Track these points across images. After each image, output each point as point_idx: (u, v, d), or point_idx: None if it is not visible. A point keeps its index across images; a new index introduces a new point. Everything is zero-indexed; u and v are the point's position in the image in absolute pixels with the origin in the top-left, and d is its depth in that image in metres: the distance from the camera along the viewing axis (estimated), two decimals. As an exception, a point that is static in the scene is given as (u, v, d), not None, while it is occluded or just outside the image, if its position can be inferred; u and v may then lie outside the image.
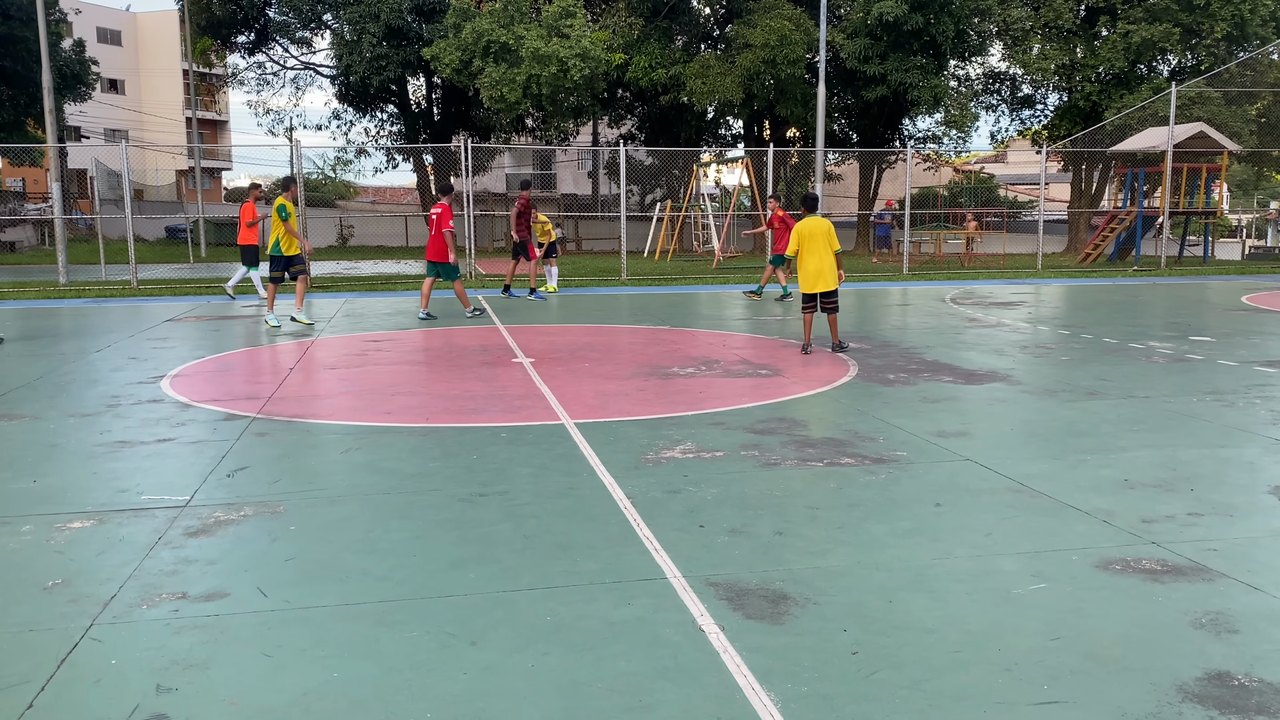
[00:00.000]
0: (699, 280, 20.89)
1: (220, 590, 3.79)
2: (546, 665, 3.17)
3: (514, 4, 27.49)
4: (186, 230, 34.99)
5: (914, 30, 26.97)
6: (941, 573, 3.98)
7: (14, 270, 24.79)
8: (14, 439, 6.30)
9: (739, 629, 3.42)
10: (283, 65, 39.46)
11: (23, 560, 4.11)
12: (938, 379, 8.45)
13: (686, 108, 30.80)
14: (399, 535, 4.44)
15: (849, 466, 5.56)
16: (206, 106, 62.12)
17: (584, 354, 10.01)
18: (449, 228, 13.26)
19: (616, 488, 5.12)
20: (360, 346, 10.70)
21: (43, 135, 39.80)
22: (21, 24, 36.40)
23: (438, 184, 37.86)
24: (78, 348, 10.60)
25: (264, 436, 6.34)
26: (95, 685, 3.04)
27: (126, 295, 17.55)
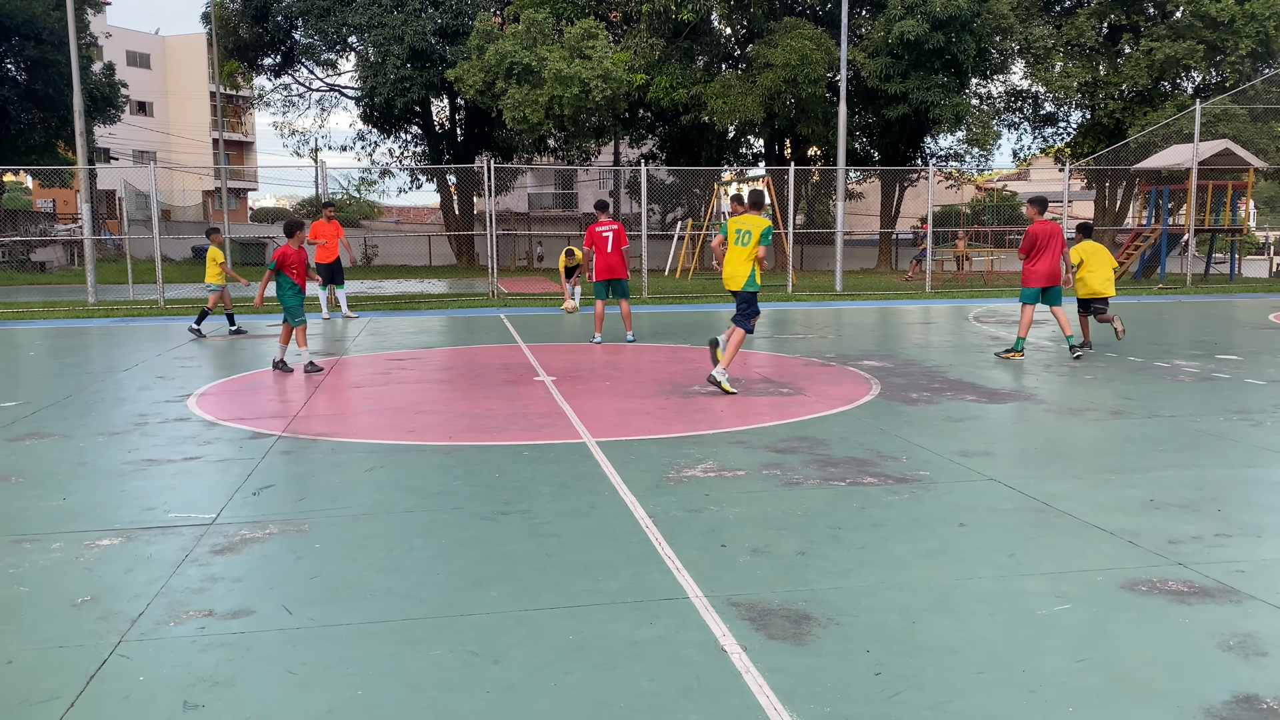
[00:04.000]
0: (720, 299, 20.89)
1: (246, 608, 3.83)
2: (569, 684, 3.18)
3: (536, 26, 27.73)
4: (212, 250, 35.30)
5: (935, 49, 27.01)
6: (965, 593, 3.96)
7: (44, 290, 25.14)
8: (44, 457, 6.39)
9: (761, 649, 3.42)
10: (308, 87, 39.97)
11: (53, 577, 4.17)
12: (961, 398, 8.41)
13: (707, 127, 30.94)
14: (422, 553, 4.46)
15: (872, 486, 5.55)
16: (233, 128, 62.92)
17: (605, 372, 10.03)
18: (626, 244, 12.38)
19: (638, 506, 5.13)
20: (384, 365, 10.78)
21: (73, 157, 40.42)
22: (53, 48, 37.05)
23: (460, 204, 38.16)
24: (106, 367, 10.73)
25: (289, 455, 6.39)
26: (124, 702, 3.07)
27: (154, 315, 17.76)
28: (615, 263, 12.30)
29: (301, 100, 40.73)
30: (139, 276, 23.44)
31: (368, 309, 18.48)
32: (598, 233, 12.32)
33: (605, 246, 12.26)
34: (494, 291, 21.31)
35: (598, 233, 12.32)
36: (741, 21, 31.81)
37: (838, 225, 23.68)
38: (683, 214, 41.28)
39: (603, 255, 12.30)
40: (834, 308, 18.90)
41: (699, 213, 37.75)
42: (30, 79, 38.41)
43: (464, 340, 13.25)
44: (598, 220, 12.47)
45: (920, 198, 40.33)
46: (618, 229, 12.34)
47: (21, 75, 38.59)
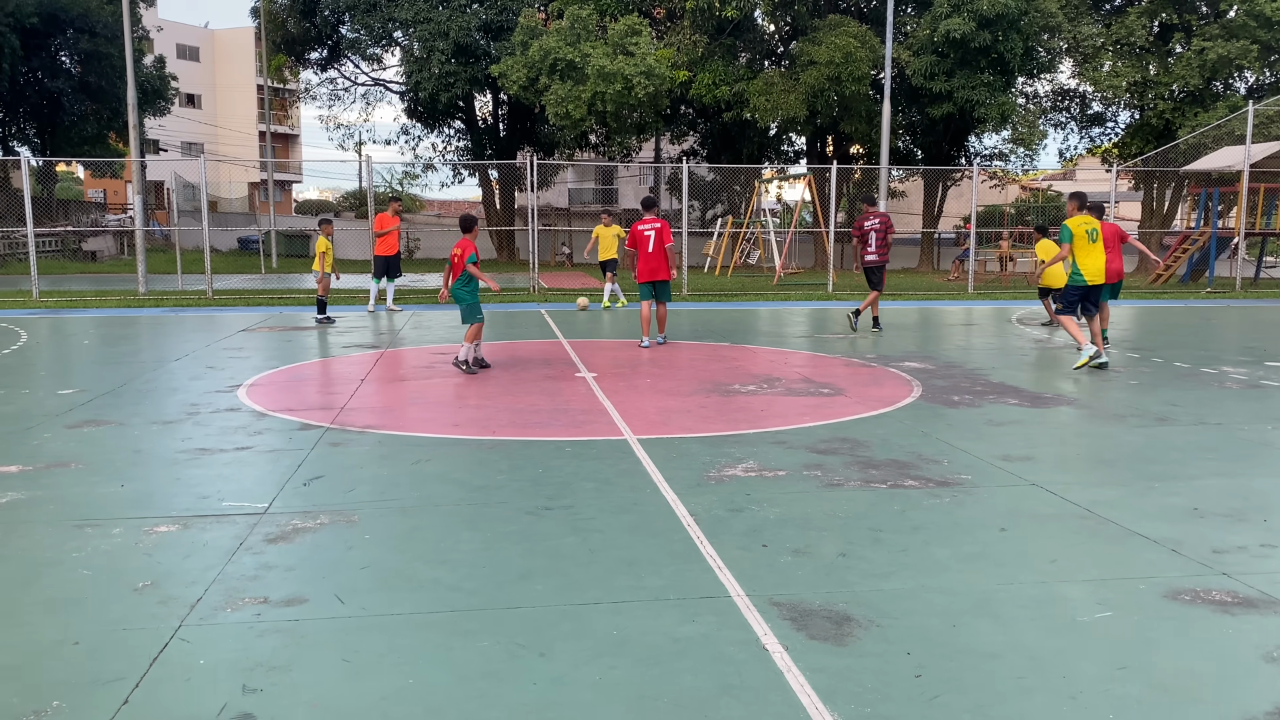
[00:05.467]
0: (760, 296, 20.90)
1: (299, 596, 3.94)
2: (614, 679, 3.25)
3: (580, 22, 27.83)
4: (258, 241, 35.87)
5: (981, 47, 26.74)
6: (1006, 598, 3.98)
7: (95, 279, 25.69)
8: (103, 444, 6.58)
9: (802, 649, 3.47)
10: (353, 81, 40.38)
11: (114, 562, 4.31)
12: (1003, 401, 8.38)
13: (749, 124, 30.87)
14: (469, 546, 4.56)
15: (912, 489, 5.57)
16: (279, 121, 63.74)
17: (646, 370, 10.10)
18: (670, 242, 11.96)
19: (679, 505, 5.19)
20: (428, 359, 10.92)
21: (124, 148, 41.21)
22: (106, 41, 37.74)
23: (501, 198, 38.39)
24: (157, 356, 10.98)
25: (338, 446, 6.53)
26: (186, 684, 3.19)
27: (202, 305, 18.10)
28: (657, 264, 11.85)
29: (347, 94, 41.15)
30: (187, 267, 23.89)
31: (410, 302, 18.69)
32: (639, 232, 11.93)
33: (646, 246, 11.83)
34: (534, 286, 21.45)
35: (639, 232, 11.93)
36: (785, 19, 31.67)
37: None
38: (723, 211, 41.23)
39: (644, 256, 11.85)
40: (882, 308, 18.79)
41: (739, 210, 37.69)
42: (84, 71, 39.18)
43: (505, 335, 13.38)
44: (641, 218, 12.12)
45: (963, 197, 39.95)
46: (660, 227, 11.89)
47: (75, 68, 39.39)
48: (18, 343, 12.24)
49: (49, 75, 38.40)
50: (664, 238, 11.87)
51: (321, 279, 14.83)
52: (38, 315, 16.10)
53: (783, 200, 40.69)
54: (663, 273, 11.92)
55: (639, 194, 50.15)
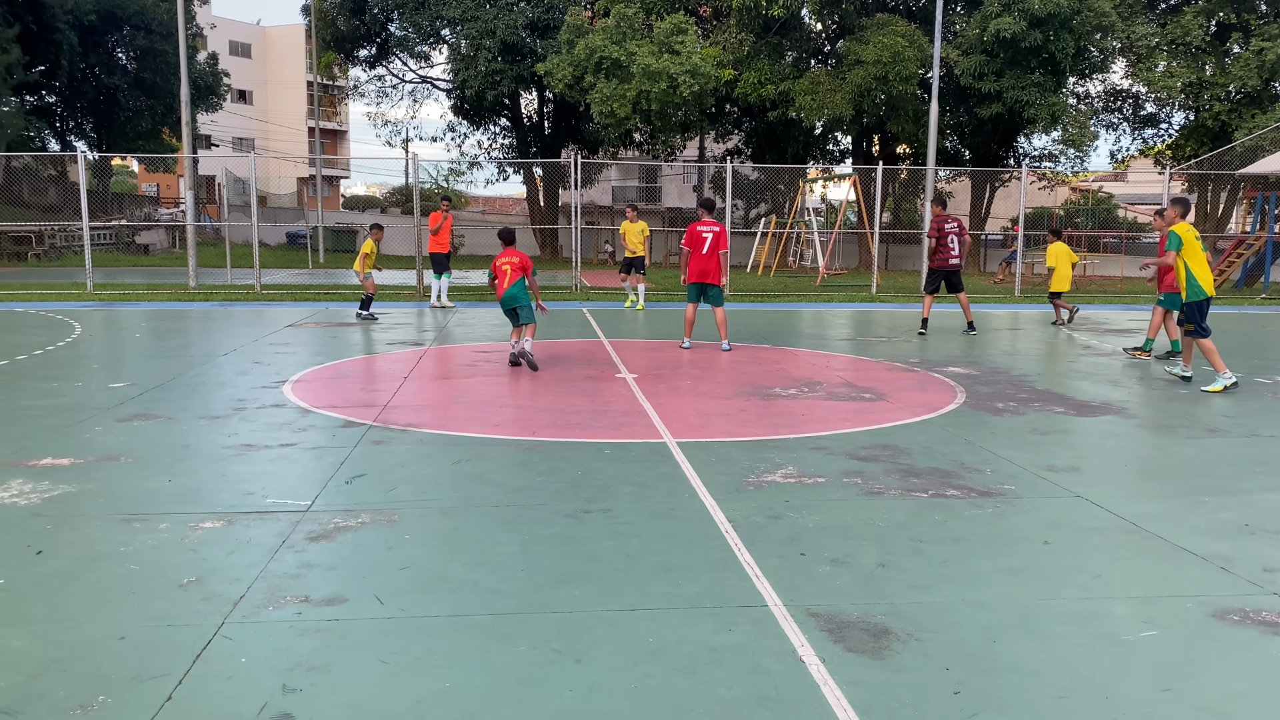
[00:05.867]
0: (802, 297, 20.78)
1: (340, 595, 3.99)
2: (649, 687, 3.25)
3: (626, 21, 27.86)
4: (306, 236, 36.34)
5: (1032, 47, 26.36)
6: (1048, 614, 3.92)
7: (147, 272, 26.19)
8: (151, 438, 6.70)
9: (839, 661, 3.45)
10: (401, 79, 40.76)
11: (161, 557, 4.39)
12: (1048, 409, 8.26)
13: (794, 123, 30.70)
14: (507, 549, 4.58)
15: (954, 499, 5.51)
16: (328, 117, 64.53)
17: (686, 371, 10.09)
18: (726, 248, 11.86)
19: (718, 510, 5.18)
20: (470, 357, 11.00)
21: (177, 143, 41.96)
22: (161, 38, 38.44)
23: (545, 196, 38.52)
24: (206, 351, 11.17)
25: (380, 445, 6.59)
26: (228, 682, 3.24)
27: (250, 300, 18.38)
28: (711, 266, 11.66)
29: (395, 91, 41.62)
30: (236, 261, 24.26)
31: (454, 299, 18.83)
32: (698, 232, 11.66)
33: (702, 248, 11.62)
34: (577, 285, 21.51)
35: (698, 232, 11.66)
36: (833, 17, 31.44)
37: (925, 225, 23.31)
38: (766, 210, 41.06)
39: (698, 257, 11.65)
40: (919, 310, 18.62)
41: (783, 210, 37.49)
42: (139, 68, 39.97)
43: (547, 334, 13.42)
44: (700, 219, 11.85)
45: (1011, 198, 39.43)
46: (719, 231, 11.67)
47: (131, 64, 40.19)
48: (72, 335, 12.51)
49: (106, 71, 39.21)
50: (721, 242, 11.73)
51: (367, 279, 15.03)
52: (92, 308, 16.44)
53: (827, 200, 40.40)
54: (714, 276, 11.76)
55: (683, 193, 50.14)
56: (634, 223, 17.17)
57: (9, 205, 34.07)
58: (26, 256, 29.84)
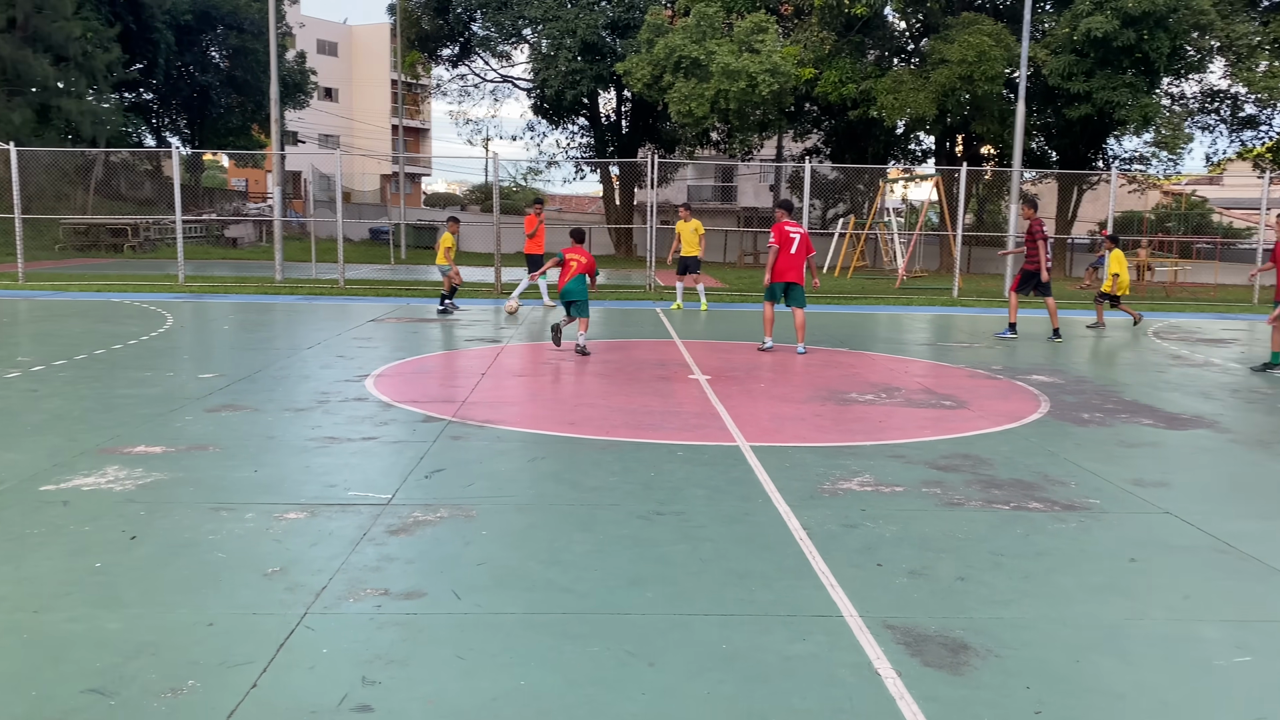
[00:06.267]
0: (881, 300, 20.51)
1: (418, 590, 4.05)
2: (722, 694, 3.24)
3: (707, 20, 27.79)
4: (388, 233, 37.03)
5: (1125, 46, 25.58)
6: (1135, 634, 3.81)
7: (235, 265, 26.97)
8: (239, 429, 6.90)
9: (916, 676, 3.39)
10: (482, 78, 41.30)
11: (246, 546, 4.52)
12: (1136, 421, 8.01)
13: (875, 123, 30.29)
14: (581, 548, 4.61)
15: (1037, 512, 5.38)
16: (411, 115, 65.68)
17: (760, 374, 10.03)
18: (813, 251, 11.89)
19: (792, 517, 5.14)
20: (545, 355, 11.09)
21: (265, 139, 43.15)
22: (253, 37, 39.56)
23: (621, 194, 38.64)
24: (291, 344, 11.46)
25: (458, 440, 6.69)
26: (309, 671, 3.32)
27: (334, 294, 18.80)
28: (796, 266, 11.65)
29: (476, 90, 42.15)
30: (320, 255, 24.84)
31: (532, 297, 19.01)
32: (785, 231, 11.57)
33: (789, 247, 11.56)
34: (650, 284, 21.53)
35: (785, 231, 11.57)
36: (917, 16, 30.93)
37: (1010, 228, 22.81)
38: (844, 211, 40.61)
39: (786, 255, 11.57)
40: (1002, 315, 18.21)
41: (862, 210, 37.05)
42: (231, 66, 41.21)
43: (620, 333, 13.48)
44: (783, 220, 11.77)
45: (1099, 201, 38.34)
46: (804, 234, 11.70)
47: (224, 62, 41.45)
48: (164, 326, 12.95)
49: (200, 69, 40.51)
50: (808, 245, 11.76)
51: (452, 272, 15.34)
52: (182, 299, 17.00)
53: (907, 200, 39.77)
54: (798, 275, 11.73)
55: (759, 192, 49.86)
56: (687, 222, 16.90)
57: (107, 199, 35.42)
58: (123, 248, 30.95)
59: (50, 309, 14.98)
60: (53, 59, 29.25)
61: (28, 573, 4.14)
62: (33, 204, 24.85)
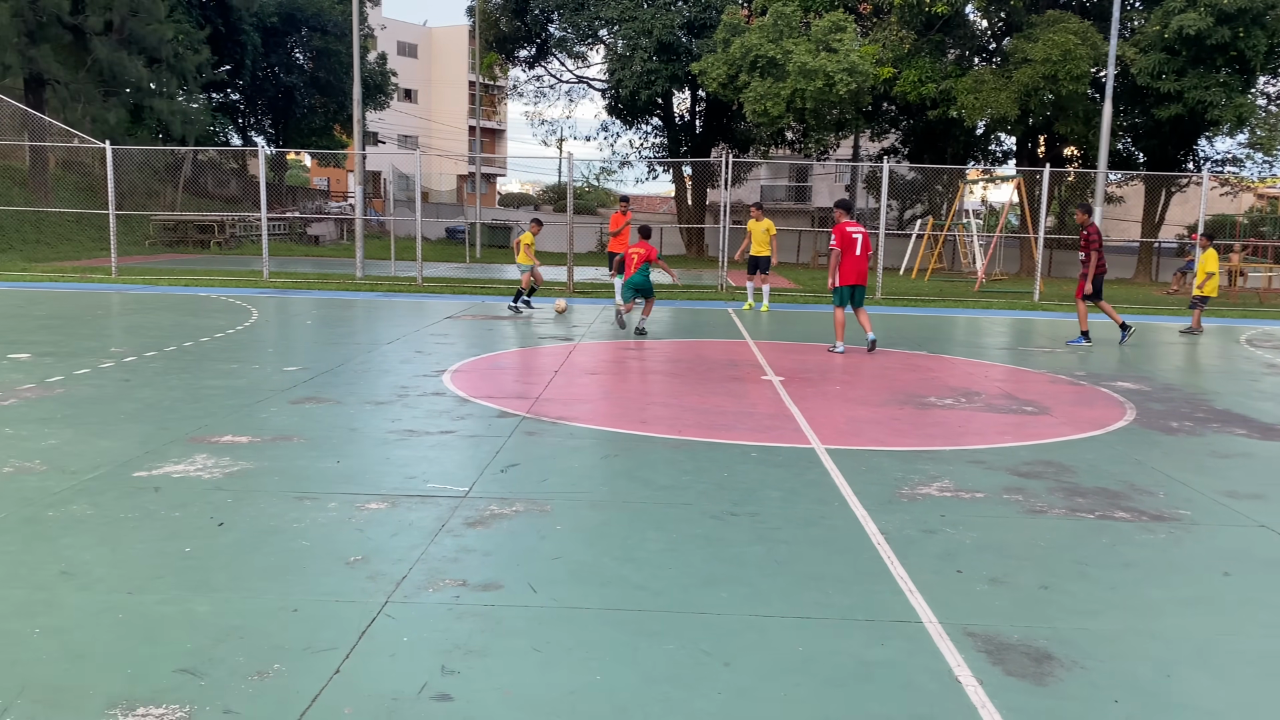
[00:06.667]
0: (959, 303, 20.15)
1: (495, 581, 4.10)
2: (799, 696, 3.21)
3: (784, 19, 27.60)
4: (464, 232, 37.54)
5: (1219, 44, 24.74)
6: (1228, 650, 3.68)
7: (317, 262, 27.60)
8: (322, 420, 7.06)
9: (998, 685, 3.32)
10: (558, 79, 41.63)
11: (329, 534, 4.62)
12: (1229, 431, 7.73)
13: (955, 122, 29.78)
14: (655, 546, 4.61)
15: (1123, 521, 5.22)
16: (488, 116, 66.52)
17: (835, 375, 9.93)
18: (871, 250, 12.02)
19: (869, 521, 5.07)
20: (617, 354, 11.13)
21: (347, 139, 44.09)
22: (336, 39, 40.43)
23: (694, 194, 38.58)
24: (371, 339, 11.69)
25: (533, 436, 6.75)
26: (390, 659, 3.38)
27: (412, 291, 19.12)
28: (864, 268, 11.75)
29: (551, 91, 42.50)
30: (399, 254, 25.30)
31: (603, 296, 19.10)
32: (848, 233, 11.56)
33: (854, 249, 11.57)
34: (722, 285, 21.46)
35: (848, 233, 11.56)
36: (999, 14, 30.30)
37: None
38: (922, 211, 39.98)
39: (851, 258, 11.59)
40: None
41: (940, 211, 36.44)
42: (315, 67, 42.19)
43: (692, 333, 13.46)
44: (844, 220, 11.75)
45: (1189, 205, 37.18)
46: (865, 234, 11.74)
47: (308, 64, 42.46)
48: (250, 320, 13.31)
49: (284, 70, 41.54)
50: (869, 244, 11.79)
51: (528, 272, 15.48)
52: (267, 294, 17.45)
53: (987, 202, 39.00)
54: (862, 278, 11.85)
55: (834, 192, 49.38)
56: (759, 221, 16.73)
57: (195, 196, 36.54)
58: (209, 244, 31.90)
59: (141, 302, 15.51)
60: (146, 60, 30.27)
61: (122, 555, 4.29)
62: (125, 201, 25.77)
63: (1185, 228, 36.86)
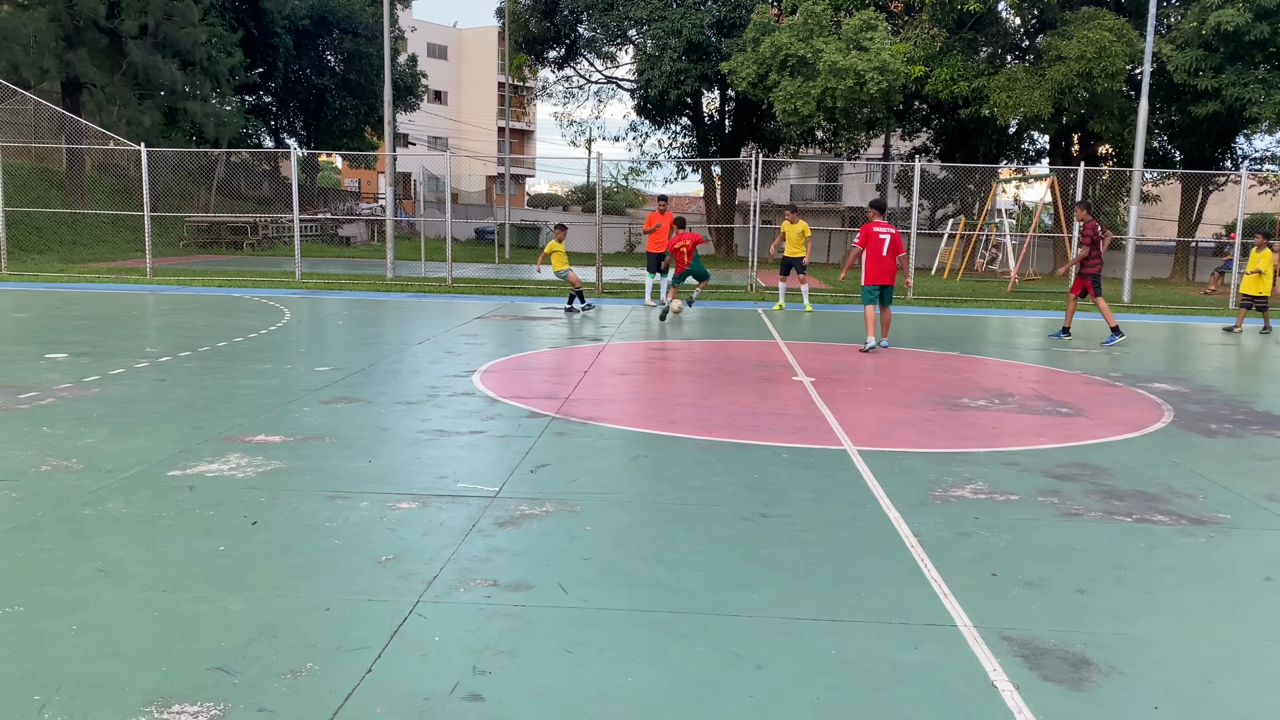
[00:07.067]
0: (992, 303, 19.96)
1: (526, 582, 4.10)
2: (832, 700, 3.18)
3: (814, 18, 27.47)
4: (494, 232, 37.69)
5: (1258, 40, 24.35)
6: (1271, 656, 3.60)
7: (348, 263, 27.81)
8: (353, 420, 7.10)
9: (1035, 690, 3.27)
10: (587, 79, 41.67)
11: (361, 533, 4.64)
12: (1270, 433, 7.60)
13: (987, 121, 29.51)
14: (685, 547, 4.59)
15: (1161, 525, 5.14)
16: (517, 117, 66.75)
17: (866, 376, 9.86)
18: (903, 252, 12.04)
19: (902, 523, 5.02)
20: (645, 354, 11.12)
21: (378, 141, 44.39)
22: (367, 41, 40.73)
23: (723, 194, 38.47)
24: (402, 339, 11.75)
25: (562, 436, 6.75)
26: (422, 659, 3.38)
27: (442, 292, 19.21)
28: (890, 268, 11.85)
29: (581, 91, 42.54)
30: (429, 255, 25.43)
31: (630, 296, 19.10)
32: (874, 233, 11.80)
33: (880, 250, 11.75)
34: (752, 284, 21.39)
35: (874, 233, 11.80)
36: (1033, 11, 29.99)
37: (1130, 230, 21.95)
38: (954, 211, 39.67)
39: (877, 258, 11.78)
40: (1121, 320, 17.53)
41: (972, 210, 36.14)
42: (346, 69, 42.52)
43: (722, 334, 13.42)
44: (873, 220, 12.02)
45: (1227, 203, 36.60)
46: (895, 235, 11.81)
47: (339, 66, 42.80)
48: (282, 320, 13.43)
49: (316, 73, 41.92)
50: (899, 246, 11.81)
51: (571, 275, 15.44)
52: (299, 295, 17.60)
53: (1020, 201, 38.64)
54: (889, 278, 11.91)
55: (865, 191, 49.10)
56: (794, 224, 16.74)
57: (228, 198, 36.94)
58: (243, 245, 32.23)
59: (175, 302, 15.69)
60: (180, 63, 30.64)
61: (157, 553, 4.33)
62: (160, 202, 26.09)
63: (1223, 227, 36.32)
